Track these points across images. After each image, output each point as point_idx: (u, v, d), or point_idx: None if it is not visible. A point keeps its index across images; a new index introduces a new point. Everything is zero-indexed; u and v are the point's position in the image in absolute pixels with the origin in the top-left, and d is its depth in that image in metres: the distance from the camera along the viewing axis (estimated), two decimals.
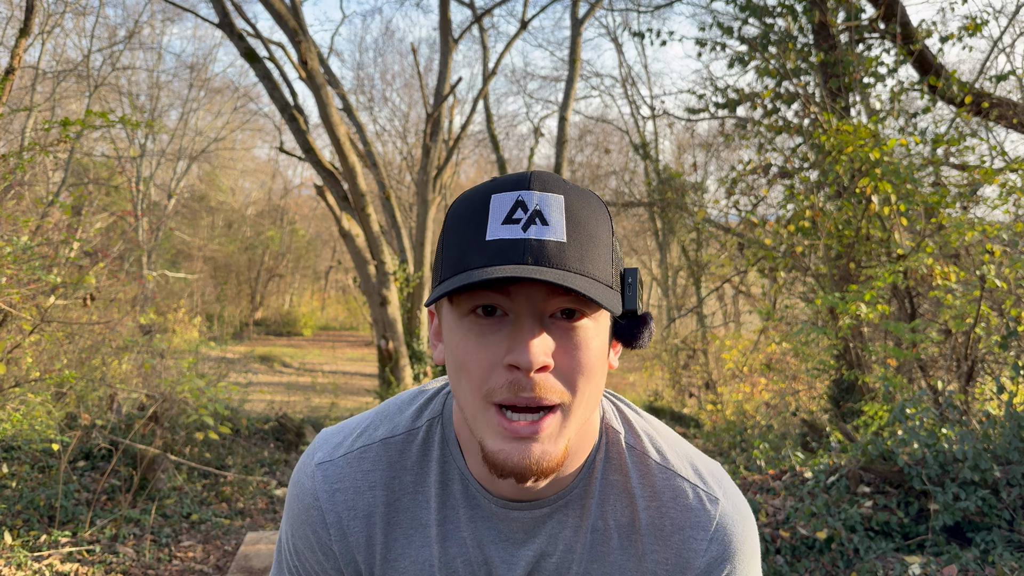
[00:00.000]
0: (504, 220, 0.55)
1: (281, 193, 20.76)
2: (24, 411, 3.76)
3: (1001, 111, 4.76)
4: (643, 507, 0.65)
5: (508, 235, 0.55)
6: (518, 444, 0.55)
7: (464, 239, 0.56)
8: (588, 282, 0.54)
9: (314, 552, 0.68)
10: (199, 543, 3.46)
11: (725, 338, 7.64)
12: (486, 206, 0.56)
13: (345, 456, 0.67)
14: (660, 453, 0.67)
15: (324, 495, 0.66)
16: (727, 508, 0.65)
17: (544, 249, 0.54)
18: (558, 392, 0.56)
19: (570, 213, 0.56)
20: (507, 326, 0.56)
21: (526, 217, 0.55)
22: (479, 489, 0.64)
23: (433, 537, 0.66)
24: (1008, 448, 2.73)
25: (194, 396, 4.84)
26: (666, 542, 0.64)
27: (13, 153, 3.66)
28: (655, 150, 11.99)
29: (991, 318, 3.51)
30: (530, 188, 0.56)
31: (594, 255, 0.56)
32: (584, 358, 0.56)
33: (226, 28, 6.79)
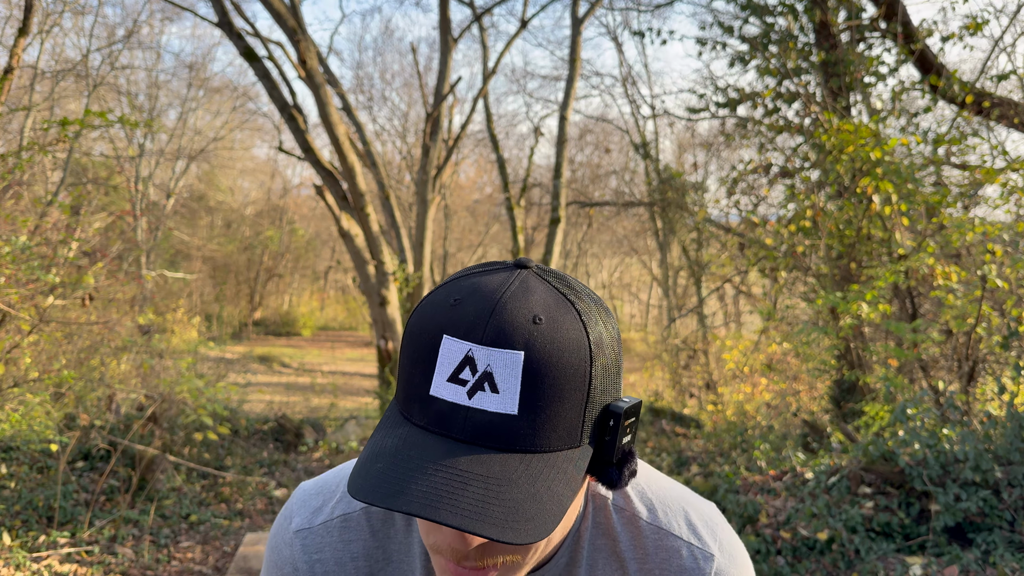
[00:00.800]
0: (450, 377, 0.48)
1: (280, 193, 20.75)
2: (23, 411, 3.75)
3: (1002, 111, 4.75)
4: (634, 571, 0.62)
5: (451, 397, 0.48)
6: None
7: (413, 378, 0.50)
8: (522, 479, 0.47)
9: None
10: (198, 544, 3.45)
11: (726, 338, 7.63)
12: (436, 348, 0.49)
13: (325, 524, 0.64)
14: (651, 511, 0.64)
15: (304, 565, 0.63)
16: (723, 565, 0.62)
17: (488, 425, 0.47)
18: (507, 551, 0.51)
19: (528, 375, 0.47)
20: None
21: (473, 380, 0.47)
22: None
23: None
24: (1009, 448, 2.72)
25: (193, 396, 4.83)
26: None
27: (12, 153, 3.64)
28: (655, 149, 11.98)
29: (992, 318, 3.51)
30: (482, 342, 0.48)
31: (553, 424, 0.48)
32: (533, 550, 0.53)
33: (225, 27, 6.78)
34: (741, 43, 6.04)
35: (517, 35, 9.87)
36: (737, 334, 8.41)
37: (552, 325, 0.49)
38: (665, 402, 7.09)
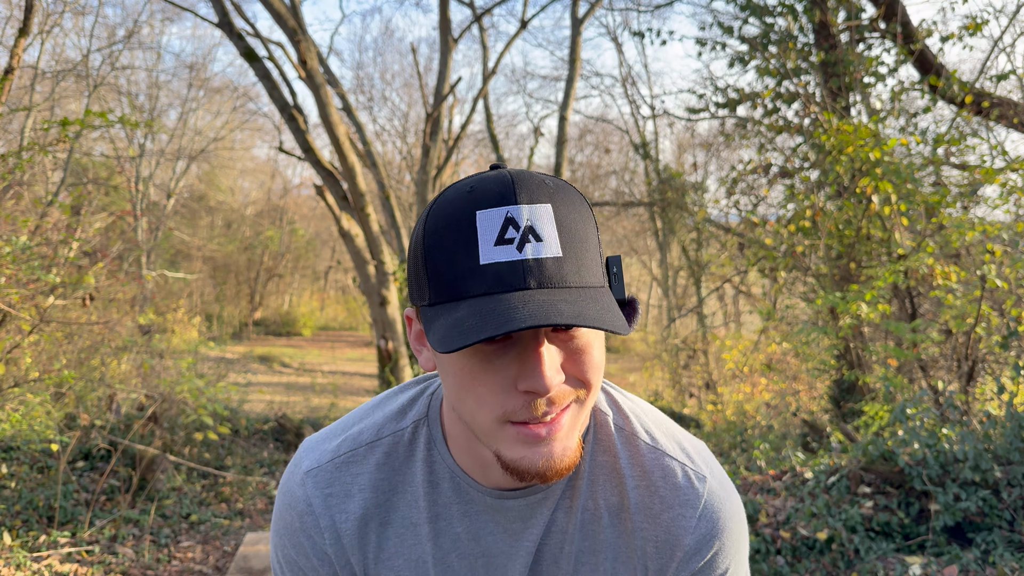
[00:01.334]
0: (496, 241, 0.53)
1: (280, 193, 20.76)
2: (23, 411, 3.75)
3: (1002, 111, 4.75)
4: (632, 487, 0.66)
5: (504, 257, 0.53)
6: (538, 447, 0.55)
7: (455, 261, 0.54)
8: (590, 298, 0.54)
9: (309, 559, 0.68)
10: (198, 543, 3.45)
11: (725, 338, 7.64)
12: (472, 224, 0.53)
13: (332, 461, 0.68)
14: (649, 434, 0.68)
15: (317, 500, 0.67)
16: (714, 486, 0.66)
17: (543, 268, 0.53)
18: (571, 394, 0.56)
19: (560, 222, 0.54)
20: (512, 349, 0.55)
21: (519, 236, 0.53)
22: (471, 483, 0.65)
23: (425, 535, 0.66)
24: (1009, 448, 2.72)
25: (193, 396, 4.83)
26: (655, 520, 0.65)
27: (12, 153, 3.65)
28: (655, 150, 11.98)
29: (992, 318, 3.51)
30: (517, 202, 0.54)
31: (587, 260, 0.55)
32: (589, 359, 0.57)
33: (225, 27, 6.78)
34: (741, 43, 6.05)
35: (517, 35, 9.87)
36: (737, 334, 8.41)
37: (561, 184, 0.57)
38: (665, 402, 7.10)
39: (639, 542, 0.65)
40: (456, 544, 0.66)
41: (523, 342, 0.54)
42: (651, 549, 0.65)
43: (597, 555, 0.66)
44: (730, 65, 6.16)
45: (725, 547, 0.66)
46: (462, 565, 0.67)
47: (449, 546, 0.66)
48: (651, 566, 0.66)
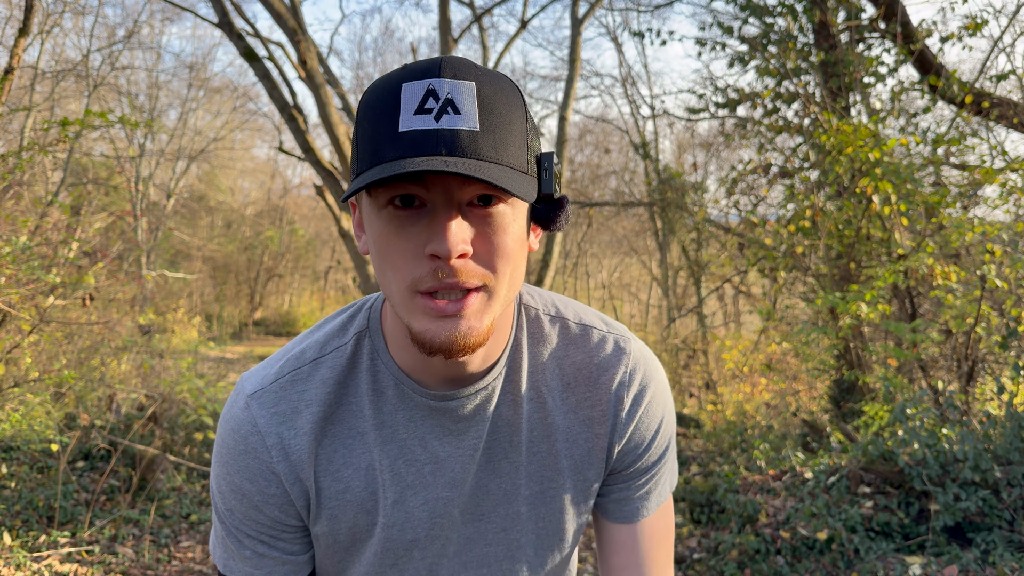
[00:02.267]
0: (416, 110, 0.55)
1: (280, 193, 20.75)
2: (23, 411, 3.75)
3: (1001, 111, 4.75)
4: (569, 364, 0.70)
5: (421, 126, 0.54)
6: (444, 322, 0.57)
7: (377, 130, 0.56)
8: (502, 170, 0.55)
9: (256, 481, 0.67)
10: (198, 543, 3.45)
11: (725, 338, 7.63)
12: (397, 96, 0.55)
13: (277, 382, 0.68)
14: (576, 315, 0.73)
15: (262, 420, 0.67)
16: (636, 346, 0.73)
17: (457, 139, 0.54)
18: (479, 275, 0.57)
19: (482, 100, 0.55)
20: (425, 216, 0.57)
21: (438, 107, 0.54)
22: (414, 388, 0.66)
23: (372, 443, 0.67)
24: (1009, 448, 2.72)
25: (193, 396, 4.83)
26: (595, 385, 0.70)
27: (12, 153, 3.65)
28: (655, 150, 11.98)
29: (992, 318, 3.51)
30: (441, 76, 0.55)
31: (508, 142, 0.56)
32: (502, 242, 0.58)
33: (225, 27, 6.79)
34: (740, 43, 6.04)
35: (517, 35, 9.87)
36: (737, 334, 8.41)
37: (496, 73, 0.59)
38: None
39: (585, 411, 0.70)
40: (403, 450, 0.68)
41: (435, 210, 0.56)
42: (597, 414, 0.70)
43: (548, 439, 0.69)
44: (730, 65, 6.16)
45: (656, 394, 0.72)
46: (410, 471, 0.68)
47: (396, 453, 0.68)
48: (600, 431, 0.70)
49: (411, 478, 0.68)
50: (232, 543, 0.71)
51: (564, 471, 0.71)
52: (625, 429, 0.71)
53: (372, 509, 0.68)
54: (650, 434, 0.73)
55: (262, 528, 0.69)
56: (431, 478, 0.68)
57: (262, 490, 0.68)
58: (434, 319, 0.57)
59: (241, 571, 0.71)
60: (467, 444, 0.68)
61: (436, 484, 0.68)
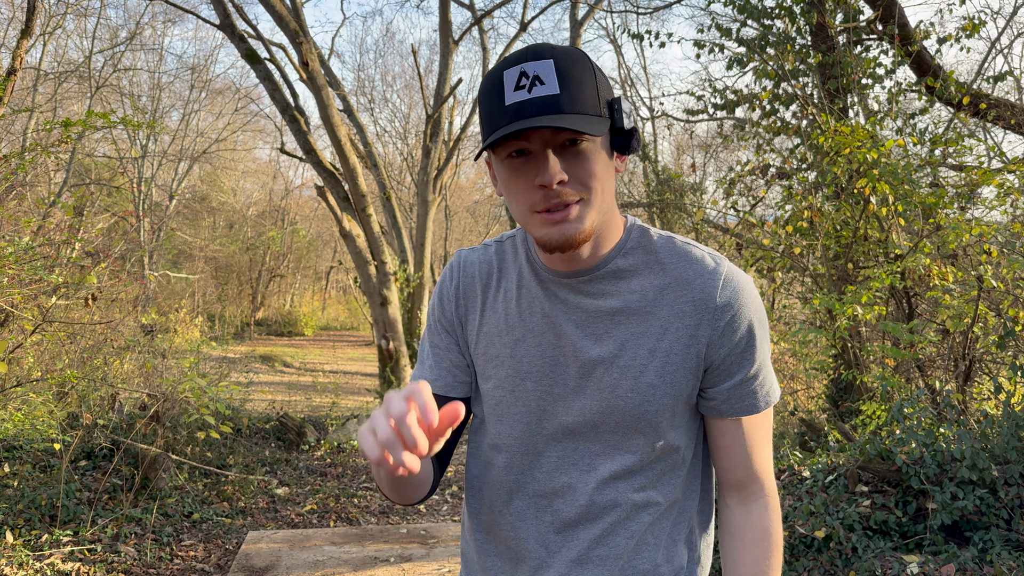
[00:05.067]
0: (515, 87, 0.77)
1: (282, 194, 20.78)
2: (26, 411, 3.78)
3: (999, 112, 4.77)
4: (672, 268, 0.87)
5: (519, 98, 0.77)
6: (556, 227, 0.79)
7: (492, 108, 0.79)
8: (578, 118, 0.76)
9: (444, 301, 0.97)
10: (200, 542, 3.48)
11: None
12: (501, 80, 0.78)
13: (473, 248, 0.99)
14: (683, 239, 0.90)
15: (457, 263, 0.98)
16: (733, 268, 0.87)
17: (545, 102, 0.76)
18: (576, 193, 0.79)
19: (559, 71, 0.77)
20: (532, 160, 0.79)
21: (529, 82, 0.77)
22: (543, 268, 0.90)
23: (513, 296, 0.92)
24: (1006, 447, 2.74)
25: (195, 396, 4.85)
26: (690, 287, 0.85)
27: (15, 154, 3.67)
28: (654, 151, 12.00)
29: (989, 318, 3.53)
30: (528, 60, 0.78)
31: (583, 97, 0.78)
32: (589, 168, 0.79)
33: (227, 29, 6.81)
34: (739, 46, 6.06)
35: (517, 37, 9.89)
36: None
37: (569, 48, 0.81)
38: None
39: (680, 306, 0.85)
40: (531, 307, 0.91)
41: (538, 154, 0.79)
42: (689, 309, 0.85)
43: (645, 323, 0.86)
44: (728, 67, 6.18)
45: (746, 304, 0.85)
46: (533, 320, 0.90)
47: (526, 307, 0.91)
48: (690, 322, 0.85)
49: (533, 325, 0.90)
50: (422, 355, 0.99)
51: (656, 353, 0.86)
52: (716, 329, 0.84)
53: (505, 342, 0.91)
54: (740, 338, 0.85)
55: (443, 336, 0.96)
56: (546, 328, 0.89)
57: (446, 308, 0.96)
58: (549, 226, 0.80)
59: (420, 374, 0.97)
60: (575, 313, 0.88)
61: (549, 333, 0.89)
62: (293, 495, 4.44)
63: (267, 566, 3.17)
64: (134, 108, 14.02)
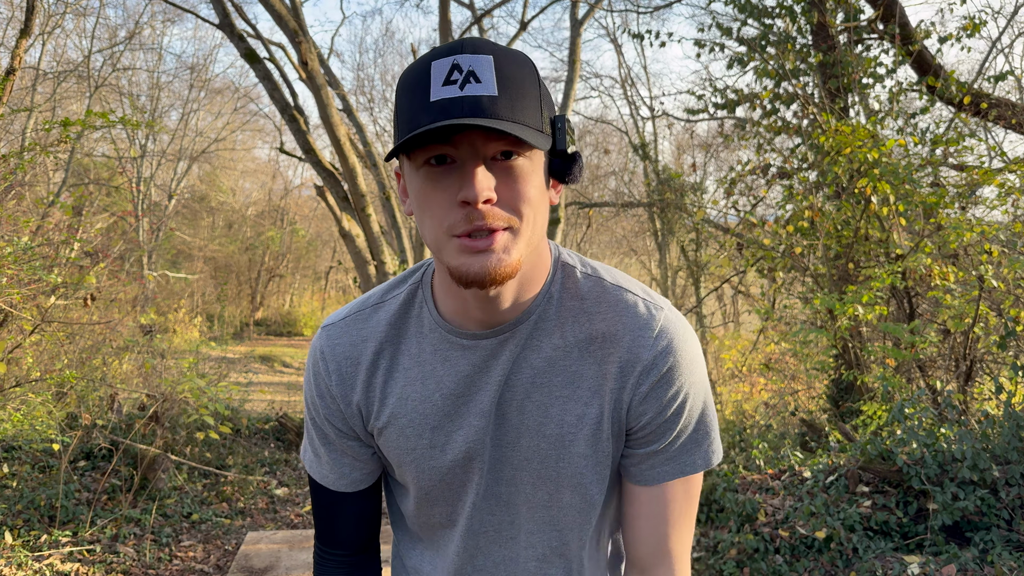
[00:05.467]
0: (444, 82, 0.64)
1: (281, 194, 20.77)
2: (25, 411, 3.77)
3: (1000, 111, 4.77)
4: (599, 320, 0.75)
5: (448, 95, 0.63)
6: (476, 256, 0.66)
7: (412, 103, 0.65)
8: (518, 127, 0.63)
9: (323, 399, 0.82)
10: (199, 543, 3.47)
11: (724, 338, 7.64)
12: (428, 72, 0.65)
13: (344, 319, 0.82)
14: (612, 276, 0.78)
15: (327, 349, 0.81)
16: (670, 315, 0.76)
17: (479, 103, 0.63)
18: (504, 218, 0.66)
19: (499, 70, 0.64)
20: (456, 171, 0.66)
21: (461, 77, 0.64)
22: (451, 330, 0.76)
23: (414, 377, 0.78)
24: (1007, 448, 2.73)
25: (195, 396, 4.85)
26: (618, 343, 0.74)
27: (14, 153, 3.67)
28: (654, 151, 11.99)
29: (989, 318, 3.52)
30: (463, 52, 0.65)
31: (523, 104, 0.65)
32: (523, 189, 0.67)
33: (226, 29, 6.80)
34: (739, 45, 6.05)
35: (517, 37, 9.89)
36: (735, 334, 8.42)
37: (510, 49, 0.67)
38: None
39: (606, 367, 0.74)
40: (439, 384, 0.77)
41: (463, 164, 0.65)
42: (614, 370, 0.74)
43: (570, 385, 0.75)
44: (729, 66, 6.17)
45: (679, 364, 0.75)
46: (445, 402, 0.78)
47: (433, 387, 0.78)
48: (614, 385, 0.75)
49: (448, 408, 0.78)
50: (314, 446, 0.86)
51: (585, 419, 0.75)
52: (641, 391, 0.74)
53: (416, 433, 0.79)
54: (667, 401, 0.75)
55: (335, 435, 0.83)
56: (464, 408, 0.77)
57: (327, 405, 0.82)
58: (468, 255, 0.66)
59: (321, 473, 0.85)
60: (491, 377, 0.76)
61: (469, 414, 0.77)
62: (292, 496, 4.43)
63: (266, 567, 3.16)
64: (133, 108, 14.00)
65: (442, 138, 0.64)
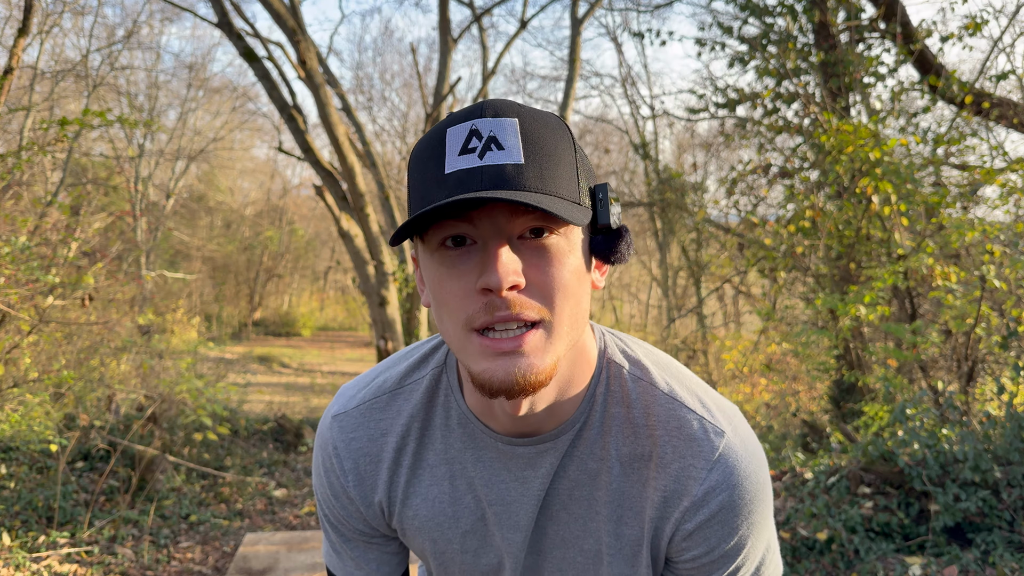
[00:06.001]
0: (460, 151, 0.55)
1: (280, 193, 20.74)
2: (22, 412, 3.75)
3: (1001, 111, 4.75)
4: (645, 436, 0.65)
5: (466, 165, 0.54)
6: (503, 360, 0.55)
7: (425, 176, 0.57)
8: (549, 199, 0.54)
9: (339, 498, 0.73)
10: (198, 544, 3.45)
11: (725, 338, 7.64)
12: (443, 141, 0.56)
13: (358, 407, 0.71)
14: (668, 385, 0.66)
15: (341, 444, 0.71)
16: (733, 442, 0.64)
17: (502, 173, 0.54)
18: (535, 309, 0.56)
19: (526, 135, 0.55)
20: (476, 253, 0.56)
21: (481, 145, 0.55)
22: (483, 429, 0.66)
23: (442, 476, 0.69)
24: (1009, 449, 2.72)
25: (192, 397, 4.83)
26: (666, 469, 0.64)
27: (11, 153, 3.65)
28: (655, 150, 11.99)
29: (991, 318, 3.51)
30: (483, 116, 0.56)
31: (555, 173, 0.56)
32: (557, 273, 0.56)
33: (224, 28, 6.78)
34: (740, 44, 6.04)
35: (517, 35, 9.87)
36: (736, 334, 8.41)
37: (538, 110, 0.58)
38: None
39: (648, 492, 0.65)
40: (471, 487, 0.69)
41: (486, 245, 0.56)
42: (658, 498, 0.64)
43: (609, 504, 0.66)
44: (730, 65, 6.16)
45: (737, 505, 0.63)
46: (478, 506, 0.69)
47: (465, 488, 0.69)
48: (656, 514, 0.65)
49: (480, 512, 0.69)
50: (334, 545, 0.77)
51: (623, 538, 0.67)
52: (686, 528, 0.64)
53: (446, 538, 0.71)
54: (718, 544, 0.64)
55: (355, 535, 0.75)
56: (499, 519, 0.69)
57: (344, 505, 0.73)
58: (493, 357, 0.55)
59: (347, 571, 0.77)
60: (530, 490, 0.67)
61: (505, 526, 0.69)
62: (291, 497, 4.42)
63: (265, 568, 3.15)
64: (131, 107, 13.97)
65: (459, 215, 0.55)
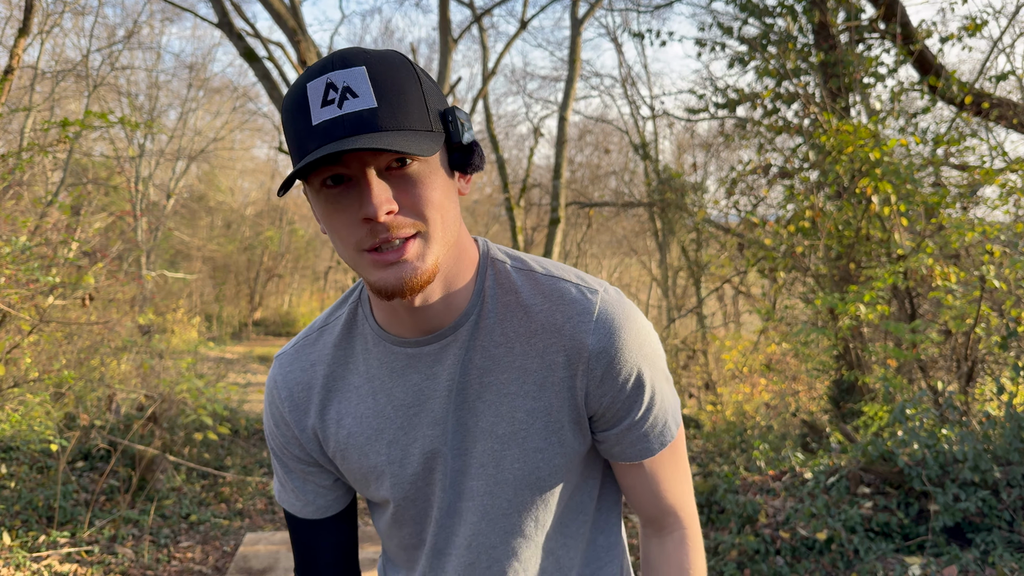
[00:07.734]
0: (322, 103, 0.64)
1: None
2: (23, 411, 3.75)
3: (1001, 111, 4.76)
4: (536, 311, 0.75)
5: (329, 116, 0.63)
6: (392, 268, 0.66)
7: (297, 128, 0.65)
8: (401, 135, 0.63)
9: (279, 426, 0.83)
10: (198, 544, 3.45)
11: (725, 338, 7.63)
12: (305, 96, 0.65)
13: (294, 346, 0.84)
14: (544, 267, 0.78)
15: (279, 377, 0.83)
16: (607, 297, 0.75)
17: (360, 119, 0.63)
18: (410, 225, 0.66)
19: (375, 79, 0.64)
20: (354, 188, 0.66)
21: (338, 95, 0.63)
22: (392, 339, 0.77)
23: (365, 394, 0.79)
24: (1008, 449, 2.73)
25: (193, 396, 4.83)
26: (559, 333, 0.74)
27: (12, 153, 3.65)
28: (655, 150, 11.99)
29: (991, 319, 3.51)
30: (335, 68, 0.64)
31: (407, 109, 0.65)
32: (423, 193, 0.66)
33: (225, 28, 6.78)
34: (740, 44, 6.04)
35: (517, 36, 9.87)
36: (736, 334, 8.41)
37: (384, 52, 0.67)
38: None
39: (549, 356, 0.74)
40: (390, 398, 0.78)
41: (359, 181, 0.65)
42: (561, 359, 0.74)
43: (517, 381, 0.75)
44: (730, 66, 6.16)
45: (627, 346, 0.73)
46: (397, 414, 0.78)
47: (385, 400, 0.78)
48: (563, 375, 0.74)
49: (400, 420, 0.77)
50: (279, 475, 0.87)
51: (536, 413, 0.75)
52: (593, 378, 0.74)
53: (374, 451, 0.79)
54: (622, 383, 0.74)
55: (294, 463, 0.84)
56: (416, 419, 0.77)
57: (283, 433, 0.83)
58: (382, 268, 0.66)
59: (289, 501, 0.87)
60: (439, 384, 0.76)
61: (422, 424, 0.77)
62: None
63: (265, 568, 3.15)
64: (131, 107, 13.97)
65: (332, 160, 0.64)
